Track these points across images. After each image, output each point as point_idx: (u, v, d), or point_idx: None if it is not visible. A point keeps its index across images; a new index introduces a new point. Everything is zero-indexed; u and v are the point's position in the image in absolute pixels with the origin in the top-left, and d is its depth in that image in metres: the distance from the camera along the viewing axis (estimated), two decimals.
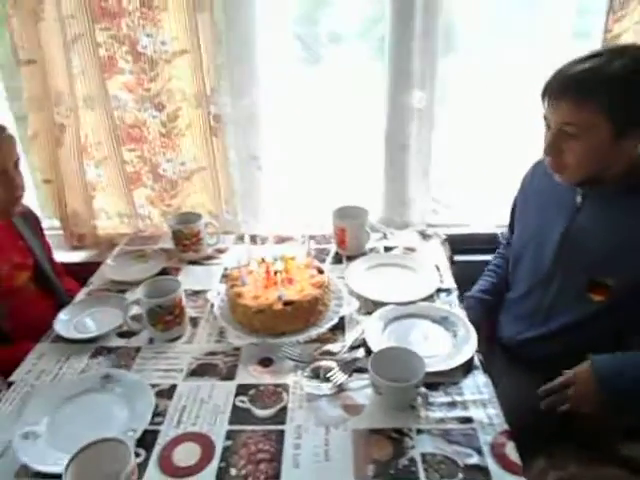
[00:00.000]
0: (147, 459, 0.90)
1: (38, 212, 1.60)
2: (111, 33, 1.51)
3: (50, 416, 0.99)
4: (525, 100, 1.26)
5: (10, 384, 1.08)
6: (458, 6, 1.54)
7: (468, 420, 0.97)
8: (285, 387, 1.06)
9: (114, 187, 1.74)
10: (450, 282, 1.39)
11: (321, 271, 1.29)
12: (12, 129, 1.31)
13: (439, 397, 1.02)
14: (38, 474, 0.88)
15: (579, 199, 1.19)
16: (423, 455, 0.90)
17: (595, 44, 1.47)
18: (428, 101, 1.54)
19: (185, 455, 0.91)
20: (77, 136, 1.64)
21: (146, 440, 0.94)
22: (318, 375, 1.08)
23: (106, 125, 1.63)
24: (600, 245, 1.14)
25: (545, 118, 1.13)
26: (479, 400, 1.01)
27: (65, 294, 1.47)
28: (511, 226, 1.46)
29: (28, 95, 1.59)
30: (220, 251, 1.59)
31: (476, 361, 1.11)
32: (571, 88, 1.05)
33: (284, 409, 1.00)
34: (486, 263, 1.57)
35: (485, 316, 1.37)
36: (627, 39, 1.40)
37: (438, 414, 0.98)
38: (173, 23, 1.49)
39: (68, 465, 0.79)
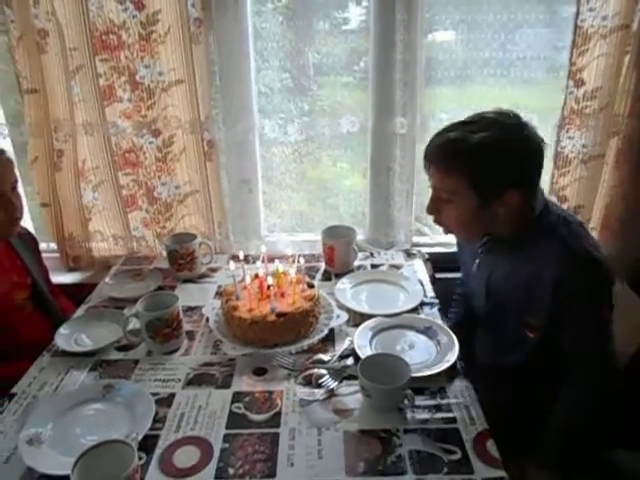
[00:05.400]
0: (148, 462, 0.95)
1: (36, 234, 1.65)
2: (111, 64, 1.60)
3: (53, 423, 1.02)
4: None
5: (12, 396, 1.12)
6: (436, 44, 1.66)
7: (452, 420, 1.03)
8: (279, 394, 1.11)
9: (110, 210, 1.80)
10: (432, 296, 1.47)
11: (311, 285, 1.35)
12: (11, 154, 1.37)
13: (425, 400, 1.08)
14: (42, 477, 0.91)
15: (480, 252, 1.26)
16: (410, 452, 0.95)
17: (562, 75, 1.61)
18: (409, 127, 1.65)
19: (185, 457, 0.96)
20: (75, 161, 1.71)
21: (147, 444, 0.98)
22: (310, 382, 1.13)
23: (104, 150, 1.70)
24: (513, 292, 1.20)
25: (429, 179, 1.17)
26: (462, 403, 1.07)
27: (60, 313, 1.50)
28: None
29: (29, 121, 1.65)
30: (213, 270, 1.65)
31: (458, 367, 1.17)
32: (438, 156, 1.10)
33: (278, 414, 1.06)
34: None
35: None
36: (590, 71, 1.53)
37: (424, 415, 1.04)
38: (170, 55, 1.58)
39: (75, 464, 0.84)
